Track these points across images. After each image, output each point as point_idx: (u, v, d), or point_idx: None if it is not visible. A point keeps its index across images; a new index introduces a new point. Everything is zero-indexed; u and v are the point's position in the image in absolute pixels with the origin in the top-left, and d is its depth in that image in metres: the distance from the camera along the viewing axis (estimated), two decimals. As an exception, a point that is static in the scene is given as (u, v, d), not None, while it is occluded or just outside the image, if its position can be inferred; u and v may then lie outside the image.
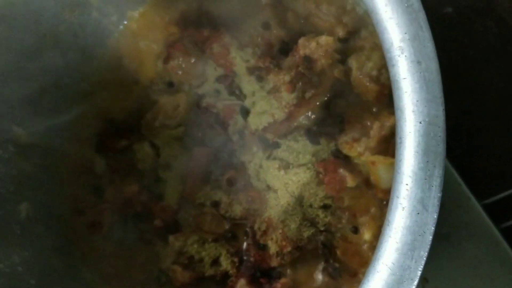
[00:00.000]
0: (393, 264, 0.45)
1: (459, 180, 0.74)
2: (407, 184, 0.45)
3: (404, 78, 0.45)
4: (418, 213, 0.44)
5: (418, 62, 0.45)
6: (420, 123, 0.45)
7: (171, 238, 0.73)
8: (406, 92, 0.45)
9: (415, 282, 0.44)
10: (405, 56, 0.45)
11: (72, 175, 0.77)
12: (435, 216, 0.44)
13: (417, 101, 0.45)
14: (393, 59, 0.46)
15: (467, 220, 0.75)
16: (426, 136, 0.44)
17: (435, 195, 0.44)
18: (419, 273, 0.44)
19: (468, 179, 0.75)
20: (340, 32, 0.64)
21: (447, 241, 0.75)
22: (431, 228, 0.44)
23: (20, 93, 0.71)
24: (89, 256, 0.74)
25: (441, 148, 0.44)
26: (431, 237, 0.44)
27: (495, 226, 0.74)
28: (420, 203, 0.44)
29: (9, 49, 0.71)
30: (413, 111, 0.45)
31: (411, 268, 0.44)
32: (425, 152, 0.44)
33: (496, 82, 0.81)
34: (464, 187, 0.74)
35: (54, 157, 0.76)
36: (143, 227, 0.76)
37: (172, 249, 0.72)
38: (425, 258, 0.44)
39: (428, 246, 0.44)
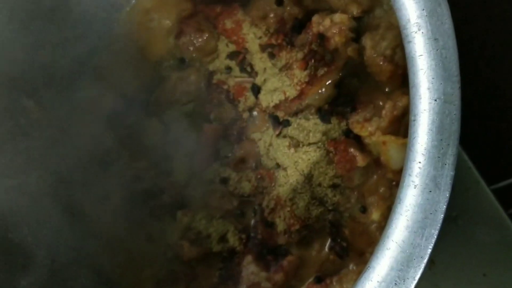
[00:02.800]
0: (403, 241, 0.45)
1: (469, 163, 0.74)
2: (419, 162, 0.45)
3: (420, 55, 0.45)
4: (430, 191, 0.44)
5: (435, 39, 0.44)
6: (435, 100, 0.44)
7: (179, 213, 0.73)
8: (421, 69, 0.45)
9: (425, 260, 0.44)
10: (422, 32, 0.45)
11: (81, 149, 0.77)
12: (447, 195, 0.44)
13: (432, 78, 0.44)
14: (410, 35, 0.46)
15: (476, 204, 0.74)
16: (440, 114, 0.44)
17: (448, 173, 0.44)
18: (429, 251, 0.44)
19: (478, 163, 0.75)
20: (355, 10, 0.63)
21: (455, 224, 0.74)
22: (443, 207, 0.44)
23: (30, 64, 0.71)
24: (96, 229, 0.75)
25: (455, 126, 0.44)
26: (442, 215, 0.44)
27: (504, 211, 0.74)
28: (433, 181, 0.44)
29: (17, 21, 0.70)
30: (428, 89, 0.44)
31: (421, 246, 0.44)
32: (439, 130, 0.44)
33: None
34: (474, 170, 0.74)
35: (64, 131, 0.76)
36: (151, 202, 0.76)
37: (180, 225, 0.73)
38: (435, 237, 0.44)
39: (439, 225, 0.44)
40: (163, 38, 0.77)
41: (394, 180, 0.63)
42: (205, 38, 0.73)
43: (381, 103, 0.62)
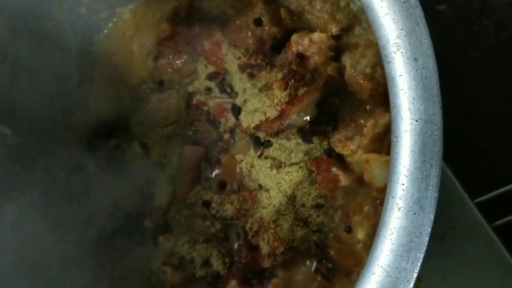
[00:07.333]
0: (389, 266, 0.44)
1: (454, 179, 0.74)
2: (403, 184, 0.44)
3: (400, 75, 0.44)
4: (415, 214, 0.43)
5: (415, 59, 0.44)
6: (417, 121, 0.44)
7: (161, 238, 0.72)
8: (402, 89, 0.44)
9: (411, 284, 0.44)
10: (401, 52, 0.44)
11: (62, 175, 0.76)
12: (432, 217, 0.43)
13: (413, 98, 0.44)
14: (389, 55, 0.45)
15: (461, 219, 0.74)
16: (422, 135, 0.43)
17: (431, 195, 0.43)
18: (415, 275, 0.43)
19: (462, 178, 0.74)
20: (334, 29, 0.63)
21: (441, 240, 0.74)
22: (428, 229, 0.43)
23: (6, 89, 0.70)
24: (79, 257, 0.73)
25: (438, 147, 0.43)
26: (427, 238, 0.43)
27: (488, 224, 0.74)
28: (417, 204, 0.43)
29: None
30: (409, 109, 0.44)
31: (407, 270, 0.43)
32: (422, 151, 0.43)
33: (495, 84, 0.81)
34: (458, 186, 0.74)
35: (43, 157, 0.75)
36: (133, 228, 0.74)
37: (163, 250, 0.72)
38: (421, 260, 0.43)
39: (425, 248, 0.43)
40: (142, 61, 0.76)
41: (379, 199, 0.62)
42: (183, 59, 0.72)
43: (362, 121, 0.62)
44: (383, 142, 0.60)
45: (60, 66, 0.77)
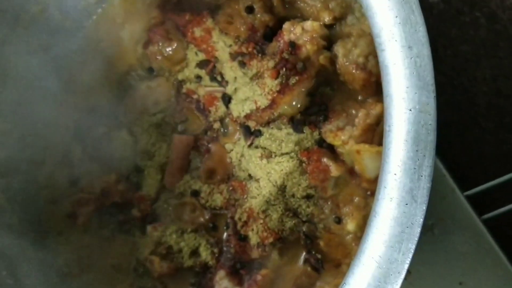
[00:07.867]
0: (380, 257, 0.44)
1: (444, 171, 0.73)
2: (395, 174, 0.43)
3: (394, 64, 0.44)
4: (407, 204, 0.43)
5: (409, 47, 0.43)
6: (410, 110, 0.43)
7: (149, 228, 0.72)
8: (396, 78, 0.44)
9: (402, 276, 0.43)
10: (396, 40, 0.44)
11: (49, 162, 0.75)
12: (424, 208, 0.42)
13: (407, 87, 0.43)
14: (383, 44, 0.44)
15: (452, 212, 0.74)
16: (416, 124, 0.43)
17: (424, 185, 0.43)
18: (406, 266, 0.43)
19: (452, 170, 0.74)
20: (326, 18, 0.63)
21: (431, 233, 0.74)
22: (420, 220, 0.43)
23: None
24: (65, 246, 0.73)
25: (431, 137, 0.43)
26: (419, 229, 0.43)
27: (478, 217, 0.74)
28: (409, 194, 0.43)
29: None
30: (403, 98, 0.43)
31: (398, 261, 0.43)
32: (415, 140, 0.43)
33: (486, 77, 0.81)
34: (448, 178, 0.73)
35: (31, 143, 0.74)
36: (121, 217, 0.74)
37: (150, 240, 0.71)
38: (412, 251, 0.43)
39: (416, 239, 0.43)
40: (131, 47, 0.75)
41: (369, 190, 0.62)
42: (173, 47, 0.71)
43: (354, 112, 0.61)
44: (375, 133, 0.60)
45: (46, 51, 0.75)
